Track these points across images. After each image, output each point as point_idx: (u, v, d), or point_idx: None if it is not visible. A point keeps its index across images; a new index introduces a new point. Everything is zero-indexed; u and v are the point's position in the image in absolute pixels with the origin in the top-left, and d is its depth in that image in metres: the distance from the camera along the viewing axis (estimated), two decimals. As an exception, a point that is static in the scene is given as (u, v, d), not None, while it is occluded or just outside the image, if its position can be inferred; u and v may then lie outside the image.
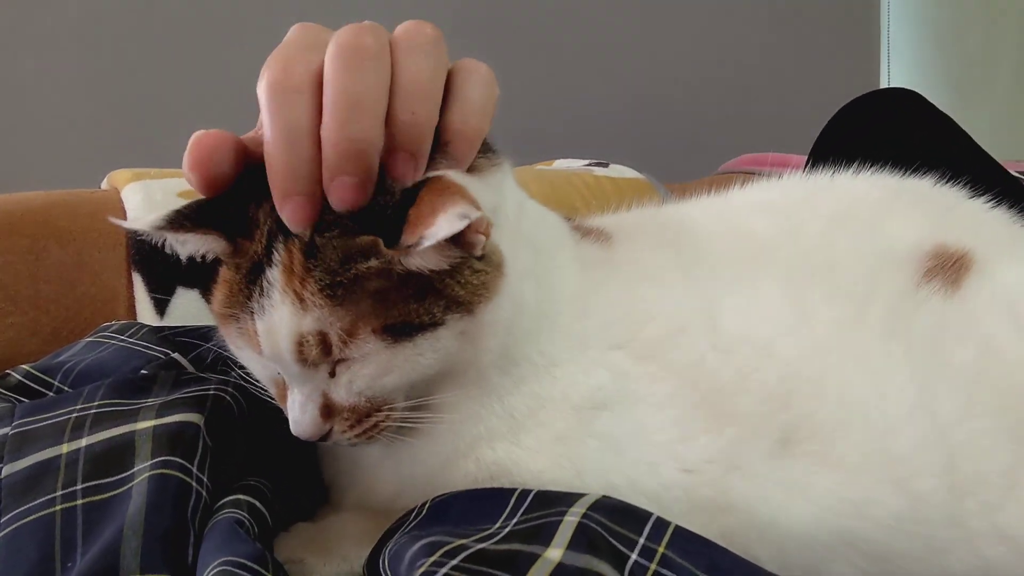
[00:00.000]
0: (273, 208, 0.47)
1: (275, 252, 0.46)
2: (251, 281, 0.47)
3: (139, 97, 1.41)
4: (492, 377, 0.51)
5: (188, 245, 0.50)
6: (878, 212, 0.61)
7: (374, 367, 0.47)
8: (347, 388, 0.48)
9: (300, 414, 0.49)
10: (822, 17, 2.12)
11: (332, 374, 0.48)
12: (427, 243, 0.43)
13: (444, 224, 0.43)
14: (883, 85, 2.21)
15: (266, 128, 0.44)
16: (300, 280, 0.45)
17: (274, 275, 0.46)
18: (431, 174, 0.47)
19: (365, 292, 0.46)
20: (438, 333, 0.47)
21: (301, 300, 0.45)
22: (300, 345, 0.46)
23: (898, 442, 0.50)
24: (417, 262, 0.45)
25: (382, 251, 0.45)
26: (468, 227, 0.45)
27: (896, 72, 2.31)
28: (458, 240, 0.46)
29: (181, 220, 0.49)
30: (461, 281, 0.47)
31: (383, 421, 0.49)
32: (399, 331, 0.46)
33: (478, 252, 0.47)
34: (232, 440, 0.53)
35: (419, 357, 0.47)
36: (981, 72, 2.33)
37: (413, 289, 0.46)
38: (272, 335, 0.47)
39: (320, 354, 0.46)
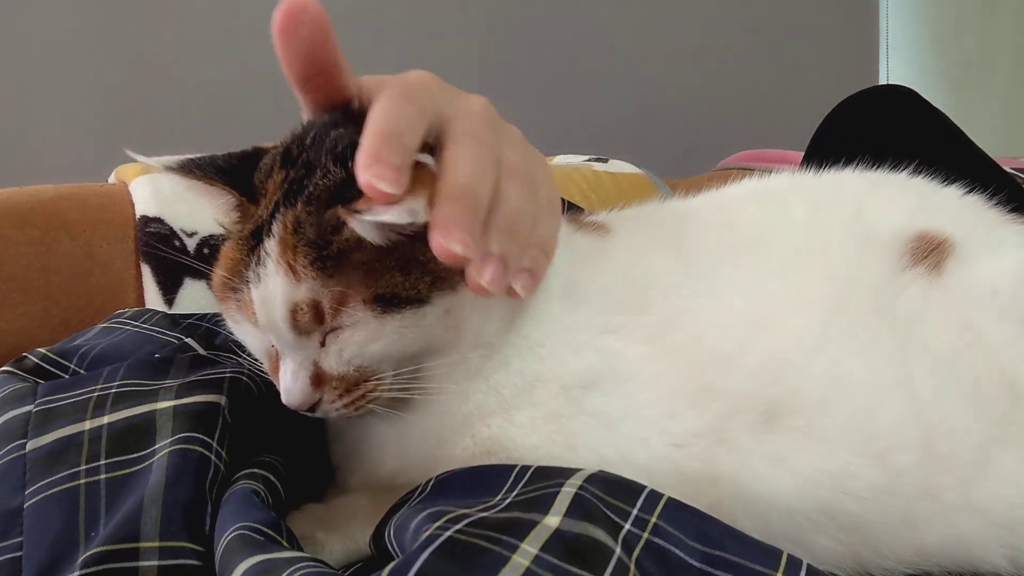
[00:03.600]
0: (284, 181, 0.51)
1: (275, 223, 0.49)
2: (250, 250, 0.50)
3: (147, 93, 1.43)
4: (474, 360, 0.53)
5: (193, 192, 0.53)
6: (861, 199, 0.63)
7: (363, 335, 0.49)
8: (337, 357, 0.50)
9: (292, 382, 0.51)
10: (821, 15, 2.13)
11: (323, 343, 0.50)
12: (367, 218, 0.46)
13: (392, 214, 0.45)
14: (882, 82, 2.22)
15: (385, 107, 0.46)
16: (292, 252, 0.48)
17: (271, 246, 0.49)
18: (421, 157, 0.49)
19: (352, 264, 0.48)
20: (424, 310, 0.49)
21: (294, 272, 0.48)
22: (294, 313, 0.49)
23: (878, 418, 0.53)
24: (361, 230, 0.48)
25: (341, 216, 0.48)
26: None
27: (895, 70, 2.32)
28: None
29: (191, 167, 0.53)
30: None
31: (371, 392, 0.51)
32: (388, 302, 0.49)
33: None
34: (249, 421, 0.55)
35: (405, 329, 0.49)
36: (979, 70, 2.35)
37: (396, 262, 0.49)
38: (267, 304, 0.49)
39: (313, 322, 0.49)
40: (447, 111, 0.50)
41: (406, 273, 0.49)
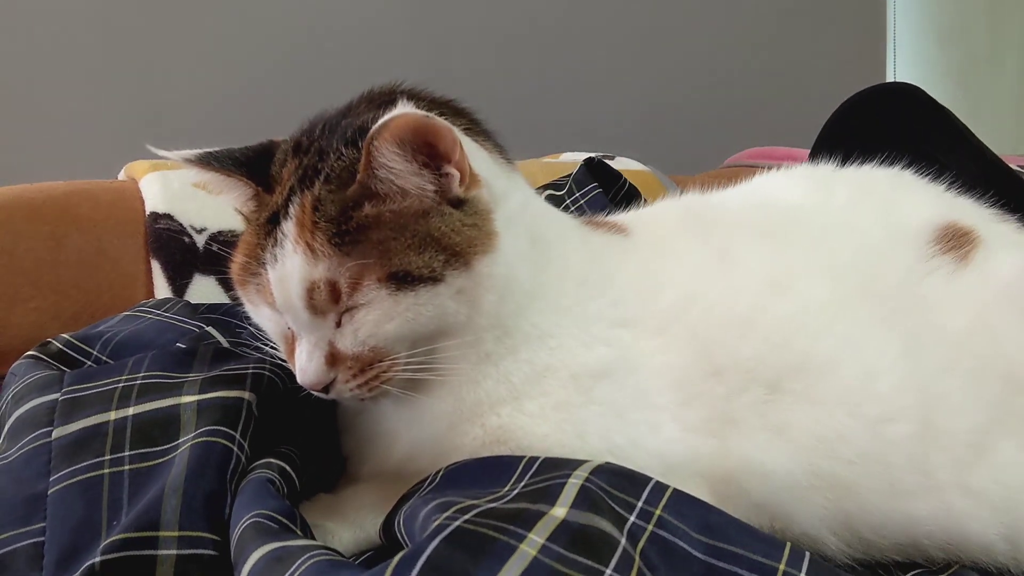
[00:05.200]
0: (298, 167, 0.52)
1: (291, 206, 0.51)
2: (267, 233, 0.52)
3: (157, 91, 1.43)
4: (487, 343, 0.54)
5: (212, 185, 0.55)
6: (894, 190, 0.65)
7: (378, 313, 0.50)
8: (352, 336, 0.51)
9: (307, 361, 0.52)
10: (829, 12, 2.13)
11: (339, 324, 0.51)
12: (379, 122, 0.47)
13: (396, 110, 0.47)
14: (889, 80, 2.22)
15: None
16: (311, 232, 0.50)
17: (288, 227, 0.51)
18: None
19: (369, 242, 0.50)
20: (438, 288, 0.50)
21: (312, 250, 0.49)
22: (311, 292, 0.50)
23: (878, 384, 0.54)
24: (383, 163, 0.49)
25: (363, 180, 0.49)
26: (442, 158, 0.50)
27: (901, 67, 2.32)
28: (433, 166, 0.50)
29: (210, 159, 0.55)
30: (454, 228, 0.51)
31: (385, 372, 0.52)
32: (402, 280, 0.50)
33: (455, 188, 0.51)
34: (271, 415, 0.56)
35: (420, 307, 0.50)
36: (986, 67, 2.34)
37: (411, 240, 0.50)
38: (284, 283, 0.50)
39: (329, 300, 0.50)
40: None
41: (420, 251, 0.50)
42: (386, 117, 0.47)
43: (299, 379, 0.52)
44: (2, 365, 0.66)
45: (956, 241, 0.60)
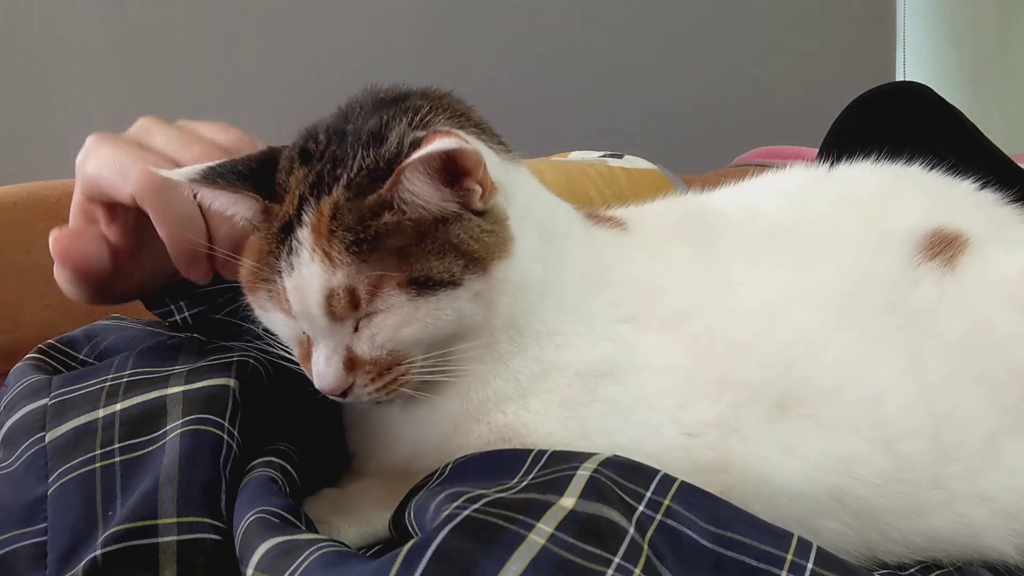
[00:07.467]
0: (307, 175, 0.52)
1: (305, 214, 0.50)
2: (280, 242, 0.51)
3: (168, 89, 1.44)
4: (501, 342, 0.54)
5: (218, 202, 0.54)
6: (878, 195, 0.64)
7: (397, 318, 0.50)
8: (370, 341, 0.51)
9: (325, 367, 0.52)
10: (839, 11, 2.13)
11: (356, 328, 0.51)
12: (415, 156, 0.47)
13: (433, 145, 0.47)
14: (898, 79, 2.21)
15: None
16: (327, 240, 0.49)
17: (304, 235, 0.50)
18: (442, 128, 0.51)
19: (388, 249, 0.49)
20: (457, 292, 0.50)
21: (330, 258, 0.49)
22: (330, 299, 0.50)
23: (887, 405, 0.54)
24: (411, 190, 0.49)
25: (384, 196, 0.49)
26: (464, 174, 0.50)
27: (912, 67, 2.31)
28: (456, 183, 0.50)
29: (215, 177, 0.53)
30: (473, 236, 0.51)
31: (403, 375, 0.52)
32: (422, 285, 0.50)
33: (476, 203, 0.51)
34: (259, 402, 0.56)
35: (439, 312, 0.50)
36: (996, 67, 2.33)
37: (432, 245, 0.50)
38: (302, 291, 0.50)
39: (348, 307, 0.50)
40: None
41: (441, 256, 0.50)
42: (425, 152, 0.47)
43: (317, 384, 0.53)
44: (14, 360, 0.66)
45: (942, 247, 0.59)
